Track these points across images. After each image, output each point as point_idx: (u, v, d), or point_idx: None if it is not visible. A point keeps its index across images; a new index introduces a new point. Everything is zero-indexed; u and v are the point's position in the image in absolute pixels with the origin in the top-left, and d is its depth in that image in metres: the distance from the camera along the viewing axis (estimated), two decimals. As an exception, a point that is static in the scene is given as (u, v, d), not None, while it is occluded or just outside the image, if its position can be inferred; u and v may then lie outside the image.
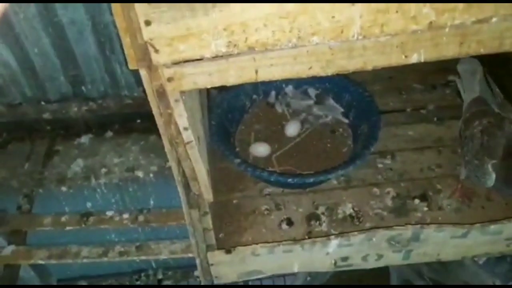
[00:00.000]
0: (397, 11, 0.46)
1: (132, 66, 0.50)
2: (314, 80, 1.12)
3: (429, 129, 1.10)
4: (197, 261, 0.84)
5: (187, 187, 0.70)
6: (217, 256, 0.81)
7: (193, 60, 0.50)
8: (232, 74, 0.52)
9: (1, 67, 1.12)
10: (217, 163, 1.01)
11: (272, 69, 0.52)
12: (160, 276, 1.43)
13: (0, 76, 1.14)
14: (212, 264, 0.82)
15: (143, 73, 0.51)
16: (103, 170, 1.12)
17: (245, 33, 0.47)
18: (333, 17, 0.46)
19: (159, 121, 0.57)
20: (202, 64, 0.50)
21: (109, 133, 1.20)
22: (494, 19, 0.49)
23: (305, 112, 1.11)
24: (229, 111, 1.06)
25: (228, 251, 0.80)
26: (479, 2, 0.47)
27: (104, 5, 1.01)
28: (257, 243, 0.82)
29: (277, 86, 1.13)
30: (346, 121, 1.09)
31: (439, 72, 1.21)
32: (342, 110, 1.10)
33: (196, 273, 0.95)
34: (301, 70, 0.52)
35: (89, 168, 1.13)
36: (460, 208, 0.94)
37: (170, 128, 0.59)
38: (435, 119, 1.12)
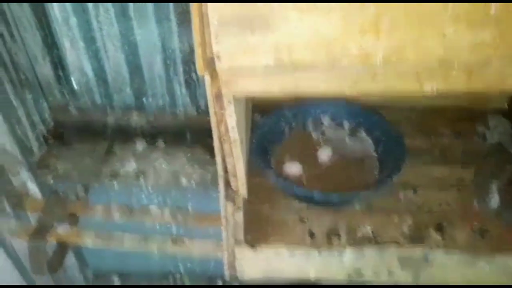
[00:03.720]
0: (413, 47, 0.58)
1: (200, 72, 0.64)
2: (350, 115, 1.24)
3: (453, 170, 1.18)
4: (225, 255, 0.94)
5: (227, 182, 0.82)
6: (243, 251, 0.91)
7: (246, 70, 0.64)
8: (276, 85, 0.65)
9: (80, 75, 1.30)
10: (252, 178, 1.13)
11: (309, 84, 0.64)
12: (187, 283, 1.54)
13: (78, 83, 1.32)
14: (237, 259, 0.93)
15: (207, 78, 0.65)
16: (152, 172, 1.27)
17: (289, 52, 0.60)
18: (360, 46, 0.59)
19: (213, 120, 0.71)
20: (254, 73, 0.64)
21: (161, 143, 1.35)
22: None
23: (338, 142, 1.22)
24: (269, 133, 1.19)
25: (253, 246, 0.90)
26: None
27: (174, 30, 1.18)
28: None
29: (315, 116, 1.25)
30: (375, 154, 1.19)
31: (467, 120, 1.30)
32: (372, 143, 1.20)
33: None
34: (332, 88, 0.65)
35: (140, 170, 1.28)
36: (473, 243, 1.01)
37: (221, 126, 0.72)
38: (460, 162, 1.20)
